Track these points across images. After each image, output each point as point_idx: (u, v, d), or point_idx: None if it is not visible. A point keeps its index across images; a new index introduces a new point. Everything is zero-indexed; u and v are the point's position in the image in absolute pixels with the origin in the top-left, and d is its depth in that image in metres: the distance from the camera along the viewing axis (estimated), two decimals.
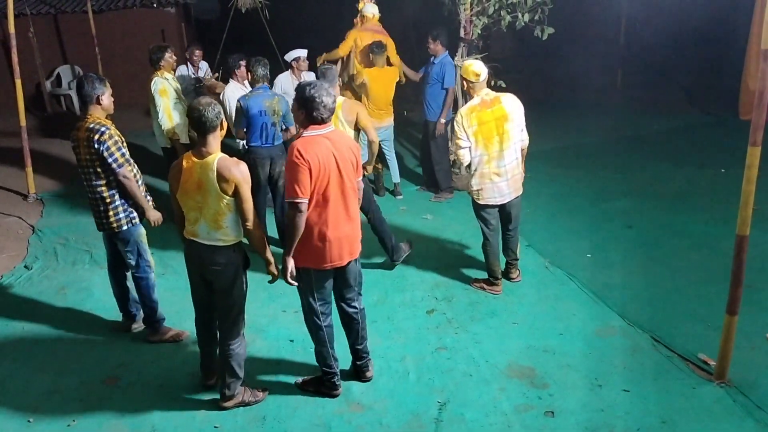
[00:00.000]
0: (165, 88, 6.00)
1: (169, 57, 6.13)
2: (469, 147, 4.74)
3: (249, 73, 5.81)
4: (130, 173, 4.18)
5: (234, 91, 6.34)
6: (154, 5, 10.37)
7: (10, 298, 5.23)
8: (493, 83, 6.70)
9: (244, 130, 5.68)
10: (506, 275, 5.22)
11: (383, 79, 6.97)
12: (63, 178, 8.09)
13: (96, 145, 4.03)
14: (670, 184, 7.30)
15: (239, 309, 3.75)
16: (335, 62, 7.20)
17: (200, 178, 3.46)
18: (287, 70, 7.39)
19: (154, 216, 4.38)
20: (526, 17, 6.74)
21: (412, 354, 4.32)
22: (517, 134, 4.76)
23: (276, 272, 3.73)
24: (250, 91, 5.74)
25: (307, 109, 3.49)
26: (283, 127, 5.73)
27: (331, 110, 3.54)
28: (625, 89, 11.49)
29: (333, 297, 3.89)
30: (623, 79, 11.74)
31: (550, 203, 6.86)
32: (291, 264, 3.62)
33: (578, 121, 10.04)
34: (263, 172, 5.72)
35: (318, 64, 6.67)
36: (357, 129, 5.39)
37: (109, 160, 4.07)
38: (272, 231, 5.97)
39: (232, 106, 6.11)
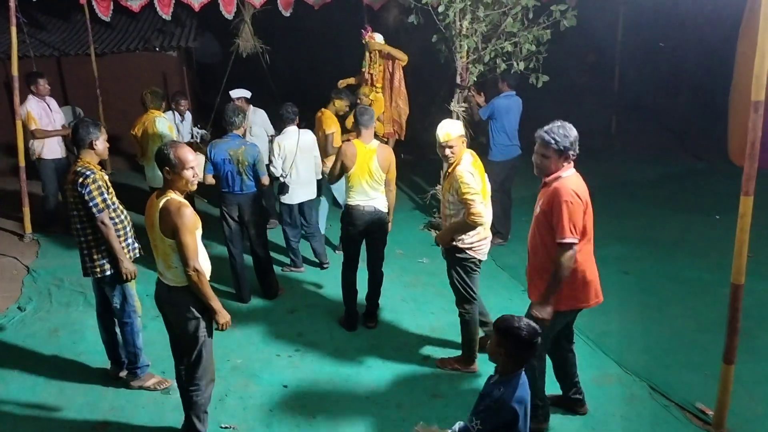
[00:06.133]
0: (171, 125, 6.01)
1: (163, 100, 6.35)
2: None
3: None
4: (110, 220, 4.08)
5: (31, 104, 6.98)
6: (156, 49, 10.49)
7: (1, 339, 5.17)
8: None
9: (212, 175, 5.52)
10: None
11: None
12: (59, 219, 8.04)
13: (79, 189, 3.99)
14: (665, 230, 7.33)
15: (197, 356, 3.56)
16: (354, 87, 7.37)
17: (152, 217, 3.43)
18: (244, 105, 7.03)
19: (127, 269, 4.16)
20: (522, 65, 6.83)
21: (407, 401, 4.28)
22: None
23: (222, 322, 3.52)
24: (220, 138, 5.60)
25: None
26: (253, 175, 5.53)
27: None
28: (619, 135, 11.63)
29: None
30: (617, 125, 11.90)
31: None
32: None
33: None
34: (232, 219, 5.59)
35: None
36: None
37: (90, 204, 4.00)
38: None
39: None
